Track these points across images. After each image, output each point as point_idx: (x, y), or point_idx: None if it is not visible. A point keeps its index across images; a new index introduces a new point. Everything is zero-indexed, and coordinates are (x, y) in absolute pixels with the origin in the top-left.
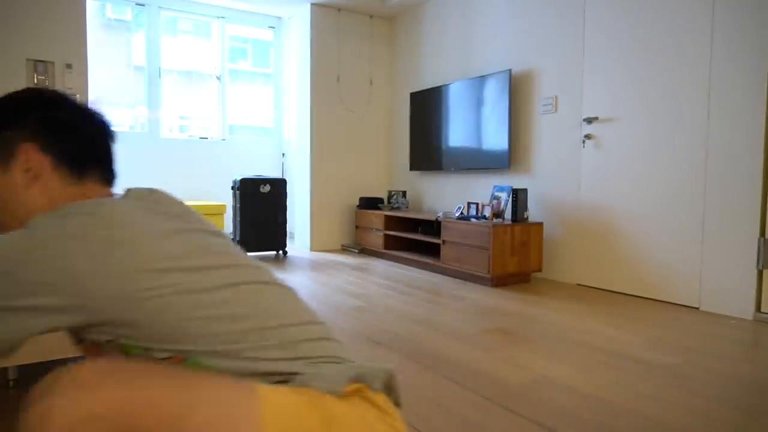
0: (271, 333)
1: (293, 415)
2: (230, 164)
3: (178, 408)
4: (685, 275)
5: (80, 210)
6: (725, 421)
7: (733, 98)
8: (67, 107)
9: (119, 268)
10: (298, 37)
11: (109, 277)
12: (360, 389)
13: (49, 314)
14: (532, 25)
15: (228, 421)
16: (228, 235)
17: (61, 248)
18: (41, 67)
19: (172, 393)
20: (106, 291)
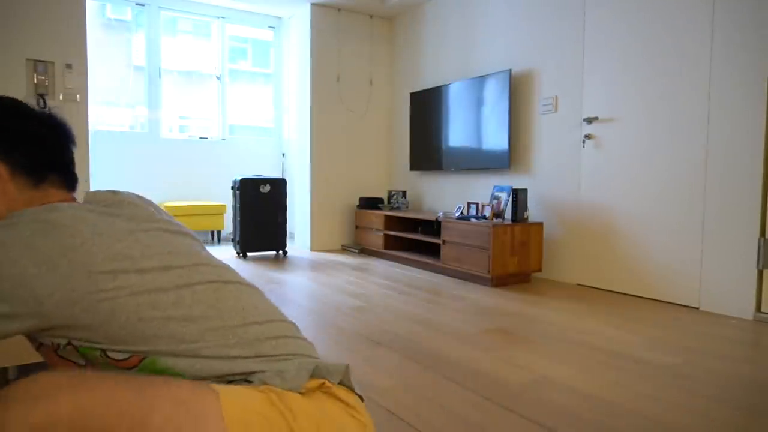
0: (231, 332)
1: (256, 411)
2: (230, 164)
3: (138, 410)
4: (685, 275)
5: (30, 217)
6: (725, 421)
7: (733, 98)
8: (23, 115)
9: (69, 272)
10: (298, 37)
11: (59, 283)
12: (322, 384)
13: (0, 321)
14: (532, 25)
15: (190, 419)
16: (194, 235)
17: (10, 256)
18: (41, 67)
19: (131, 396)
20: (56, 296)
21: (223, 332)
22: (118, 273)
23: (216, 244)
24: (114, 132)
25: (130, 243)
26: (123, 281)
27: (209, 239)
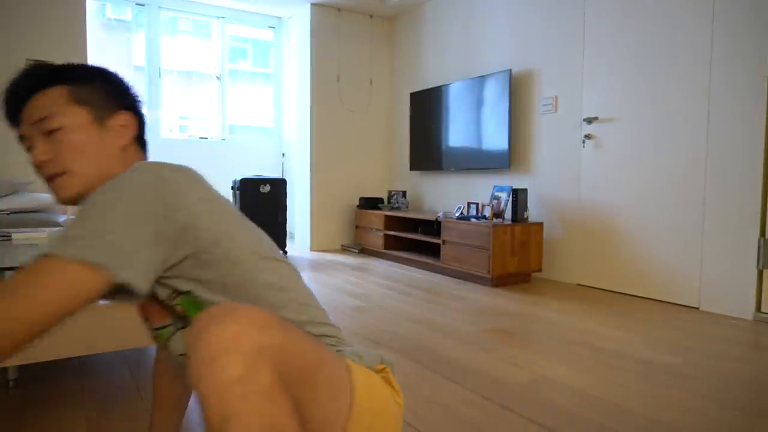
0: (304, 309)
1: (375, 383)
2: (230, 164)
3: (315, 362)
4: (685, 275)
5: (169, 164)
6: (725, 421)
7: (733, 98)
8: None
9: (219, 216)
10: (298, 37)
11: (215, 222)
12: (384, 369)
13: (164, 244)
14: (532, 25)
15: (340, 383)
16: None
17: (175, 185)
18: None
19: (313, 348)
20: (212, 231)
21: (300, 307)
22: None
23: None
24: None
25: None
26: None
27: None
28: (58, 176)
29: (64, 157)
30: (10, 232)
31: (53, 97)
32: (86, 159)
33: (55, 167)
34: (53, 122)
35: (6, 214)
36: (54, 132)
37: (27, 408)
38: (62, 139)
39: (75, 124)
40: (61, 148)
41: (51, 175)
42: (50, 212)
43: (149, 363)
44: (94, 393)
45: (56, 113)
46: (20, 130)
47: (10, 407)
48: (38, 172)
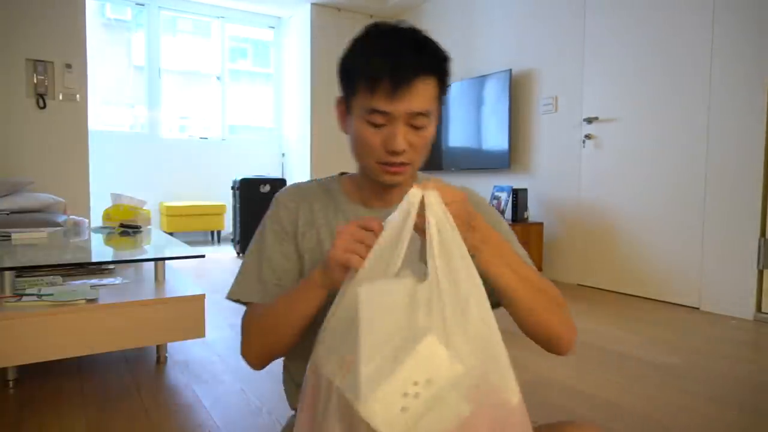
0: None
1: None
2: (230, 164)
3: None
4: (686, 275)
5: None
6: (725, 421)
7: (733, 98)
8: None
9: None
10: (298, 37)
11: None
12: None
13: None
14: (532, 25)
15: None
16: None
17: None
18: (41, 67)
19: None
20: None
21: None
22: None
23: (216, 244)
24: (114, 132)
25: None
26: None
27: (209, 239)
28: (403, 165)
29: (418, 151)
30: (10, 232)
31: (431, 92)
32: (427, 153)
33: (407, 158)
34: (426, 120)
35: (6, 214)
36: (419, 127)
37: (27, 408)
38: (424, 136)
39: (434, 119)
40: (420, 144)
41: (400, 163)
42: (50, 212)
43: (149, 363)
44: (94, 393)
45: (431, 113)
46: (387, 107)
47: (10, 407)
48: (381, 151)
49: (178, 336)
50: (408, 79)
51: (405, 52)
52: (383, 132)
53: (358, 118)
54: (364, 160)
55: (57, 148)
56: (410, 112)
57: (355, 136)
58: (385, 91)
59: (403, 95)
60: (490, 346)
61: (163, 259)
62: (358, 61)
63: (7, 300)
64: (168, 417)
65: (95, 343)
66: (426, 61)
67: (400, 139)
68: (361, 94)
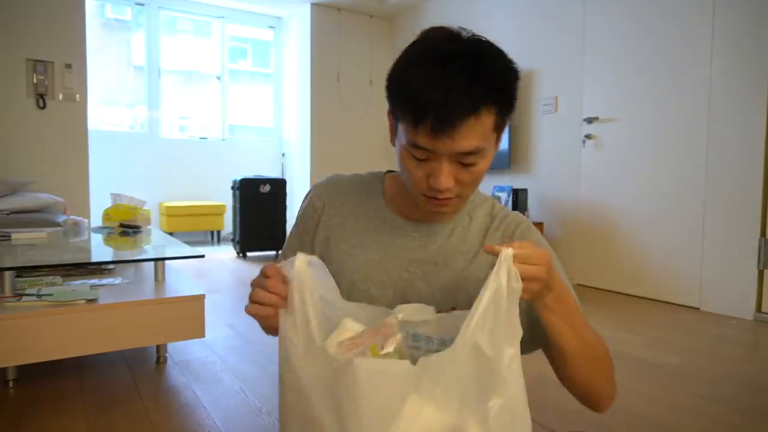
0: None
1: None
2: (230, 164)
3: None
4: (686, 275)
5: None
6: (725, 421)
7: (733, 98)
8: None
9: None
10: (298, 37)
11: None
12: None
13: None
14: (532, 25)
15: None
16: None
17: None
18: (41, 67)
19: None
20: None
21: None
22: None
23: (216, 244)
24: (114, 132)
25: None
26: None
27: (209, 239)
28: (449, 198)
29: (468, 188)
30: (10, 232)
31: (486, 126)
32: (475, 188)
33: (452, 194)
34: (475, 158)
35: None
36: (468, 165)
37: (27, 408)
38: (474, 172)
39: (489, 158)
40: (468, 180)
41: (445, 199)
42: (50, 212)
43: (149, 363)
44: (94, 393)
45: (482, 148)
46: (429, 144)
47: (10, 407)
48: (425, 184)
49: (178, 336)
50: (453, 120)
51: (456, 86)
52: (427, 167)
53: (402, 145)
54: (410, 189)
55: (57, 148)
56: (454, 151)
57: (400, 161)
58: (428, 128)
59: (449, 135)
60: (512, 412)
61: (163, 259)
62: (404, 87)
63: (7, 300)
64: (168, 417)
65: (95, 343)
66: (480, 96)
67: (443, 178)
68: (404, 123)
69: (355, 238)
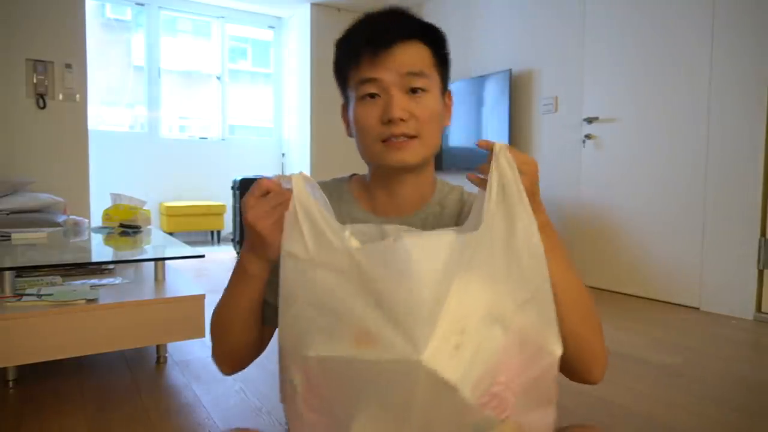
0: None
1: None
2: (230, 164)
3: None
4: (686, 275)
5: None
6: (725, 421)
7: (733, 98)
8: None
9: None
10: (298, 37)
11: None
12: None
13: None
14: (532, 25)
15: None
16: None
17: None
18: (41, 67)
19: None
20: None
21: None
22: None
23: (216, 244)
24: (114, 132)
25: None
26: None
27: (209, 239)
28: (408, 138)
29: (421, 122)
30: (10, 232)
31: (422, 55)
32: (436, 130)
33: (409, 128)
34: (421, 81)
35: (6, 214)
36: (417, 91)
37: (27, 408)
38: (424, 103)
39: (435, 91)
40: (421, 111)
41: (402, 134)
42: (50, 212)
43: (149, 363)
44: (94, 393)
45: (426, 74)
46: (373, 72)
47: (10, 407)
48: (380, 127)
49: (178, 336)
50: (388, 41)
51: (381, 20)
52: (379, 104)
53: (353, 101)
54: (367, 148)
55: (57, 148)
56: (400, 72)
57: (354, 122)
58: (367, 57)
59: (386, 56)
60: (540, 297)
61: (163, 259)
62: (342, 49)
63: (7, 300)
64: (168, 417)
65: (95, 343)
66: (406, 24)
67: (396, 103)
68: (350, 76)
69: None
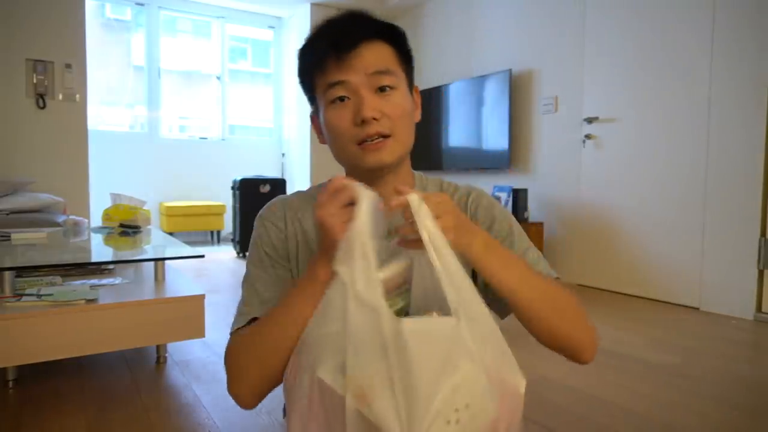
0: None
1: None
2: (230, 164)
3: None
4: (686, 275)
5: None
6: (725, 421)
7: (733, 98)
8: None
9: None
10: (298, 37)
11: None
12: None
13: None
14: (532, 25)
15: None
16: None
17: None
18: (41, 67)
19: None
20: None
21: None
22: None
23: (216, 244)
24: (113, 132)
25: None
26: None
27: (209, 239)
28: (383, 137)
29: (394, 120)
30: (10, 232)
31: (386, 54)
32: (408, 127)
33: (383, 127)
34: (389, 79)
35: (6, 214)
36: (385, 89)
37: (27, 408)
38: (394, 101)
39: (403, 88)
40: (392, 109)
41: (376, 134)
42: (50, 212)
43: (149, 363)
44: (94, 393)
45: (392, 71)
46: (340, 75)
47: (10, 407)
48: (353, 129)
49: (178, 336)
50: (352, 43)
51: (342, 23)
52: (349, 106)
53: (323, 108)
54: (342, 151)
55: (57, 148)
56: (367, 72)
57: (327, 128)
58: (332, 61)
59: (352, 58)
60: (496, 339)
61: (162, 259)
62: (306, 56)
63: (7, 300)
64: (168, 417)
65: (95, 343)
66: (368, 25)
67: (367, 104)
68: (317, 83)
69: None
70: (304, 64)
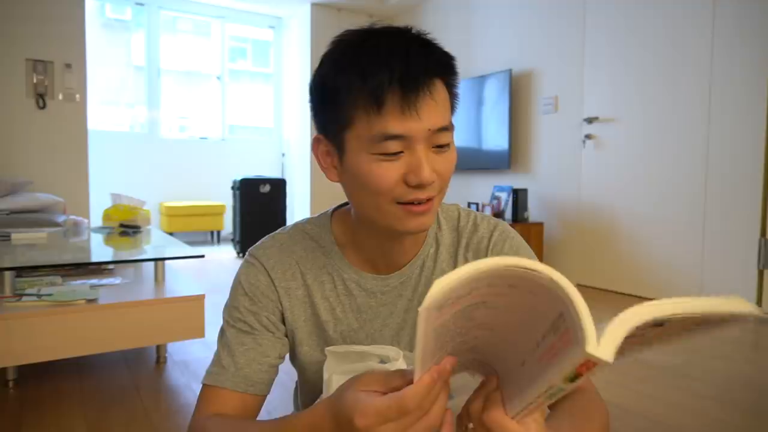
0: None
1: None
2: (230, 164)
3: None
4: (686, 275)
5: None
6: (725, 421)
7: (733, 98)
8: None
9: None
10: (298, 37)
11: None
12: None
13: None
14: (532, 25)
15: None
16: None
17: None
18: (41, 67)
19: None
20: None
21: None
22: None
23: (216, 244)
24: (113, 132)
25: None
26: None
27: (209, 239)
28: (430, 201)
29: (445, 179)
30: (10, 232)
31: (445, 100)
32: (448, 185)
33: (434, 189)
34: (447, 137)
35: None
36: (443, 147)
37: (27, 408)
38: (449, 158)
39: (452, 136)
40: (446, 169)
41: (427, 198)
42: (50, 212)
43: (149, 363)
44: (94, 393)
45: (451, 126)
46: (401, 128)
47: (10, 407)
48: (400, 188)
49: (178, 336)
50: (418, 85)
51: (401, 46)
52: (400, 163)
53: (361, 154)
54: (377, 208)
55: (57, 148)
56: (431, 129)
57: (361, 178)
58: (395, 107)
59: (420, 107)
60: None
61: (162, 259)
62: (346, 77)
63: (7, 300)
64: (168, 417)
65: (95, 343)
66: (436, 61)
67: (426, 165)
68: (359, 122)
69: (329, 314)
70: (338, 81)
